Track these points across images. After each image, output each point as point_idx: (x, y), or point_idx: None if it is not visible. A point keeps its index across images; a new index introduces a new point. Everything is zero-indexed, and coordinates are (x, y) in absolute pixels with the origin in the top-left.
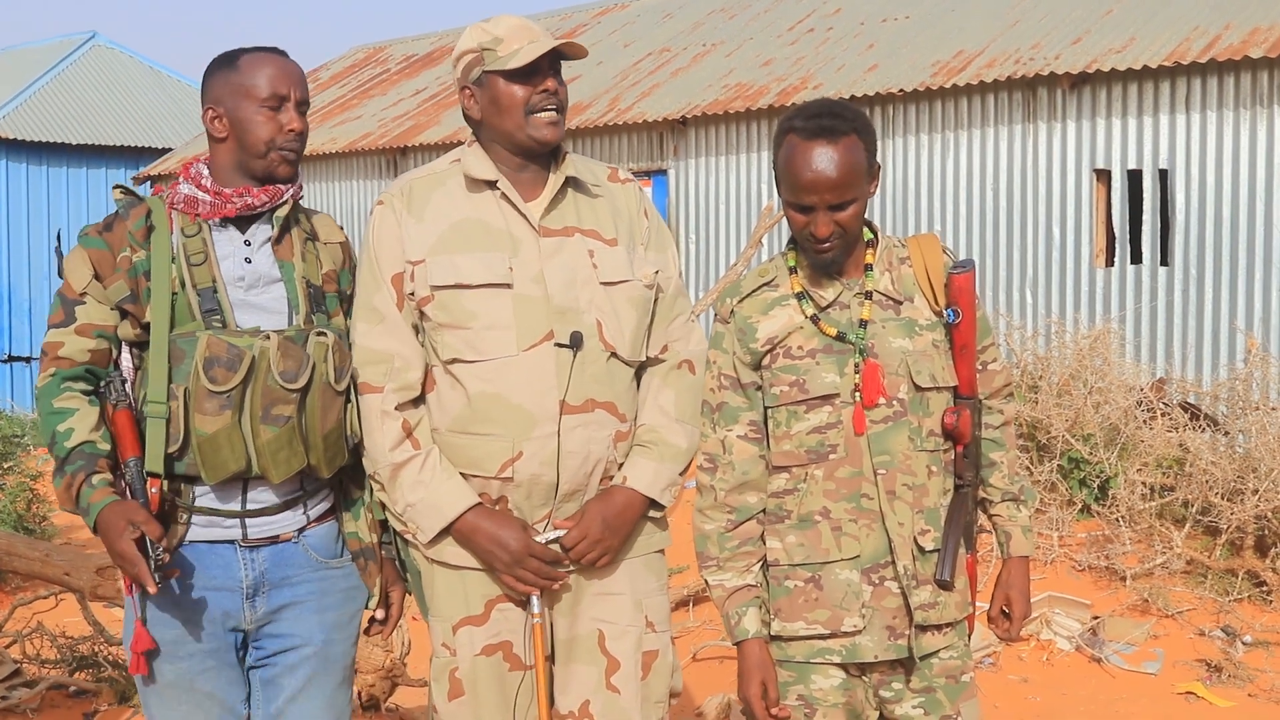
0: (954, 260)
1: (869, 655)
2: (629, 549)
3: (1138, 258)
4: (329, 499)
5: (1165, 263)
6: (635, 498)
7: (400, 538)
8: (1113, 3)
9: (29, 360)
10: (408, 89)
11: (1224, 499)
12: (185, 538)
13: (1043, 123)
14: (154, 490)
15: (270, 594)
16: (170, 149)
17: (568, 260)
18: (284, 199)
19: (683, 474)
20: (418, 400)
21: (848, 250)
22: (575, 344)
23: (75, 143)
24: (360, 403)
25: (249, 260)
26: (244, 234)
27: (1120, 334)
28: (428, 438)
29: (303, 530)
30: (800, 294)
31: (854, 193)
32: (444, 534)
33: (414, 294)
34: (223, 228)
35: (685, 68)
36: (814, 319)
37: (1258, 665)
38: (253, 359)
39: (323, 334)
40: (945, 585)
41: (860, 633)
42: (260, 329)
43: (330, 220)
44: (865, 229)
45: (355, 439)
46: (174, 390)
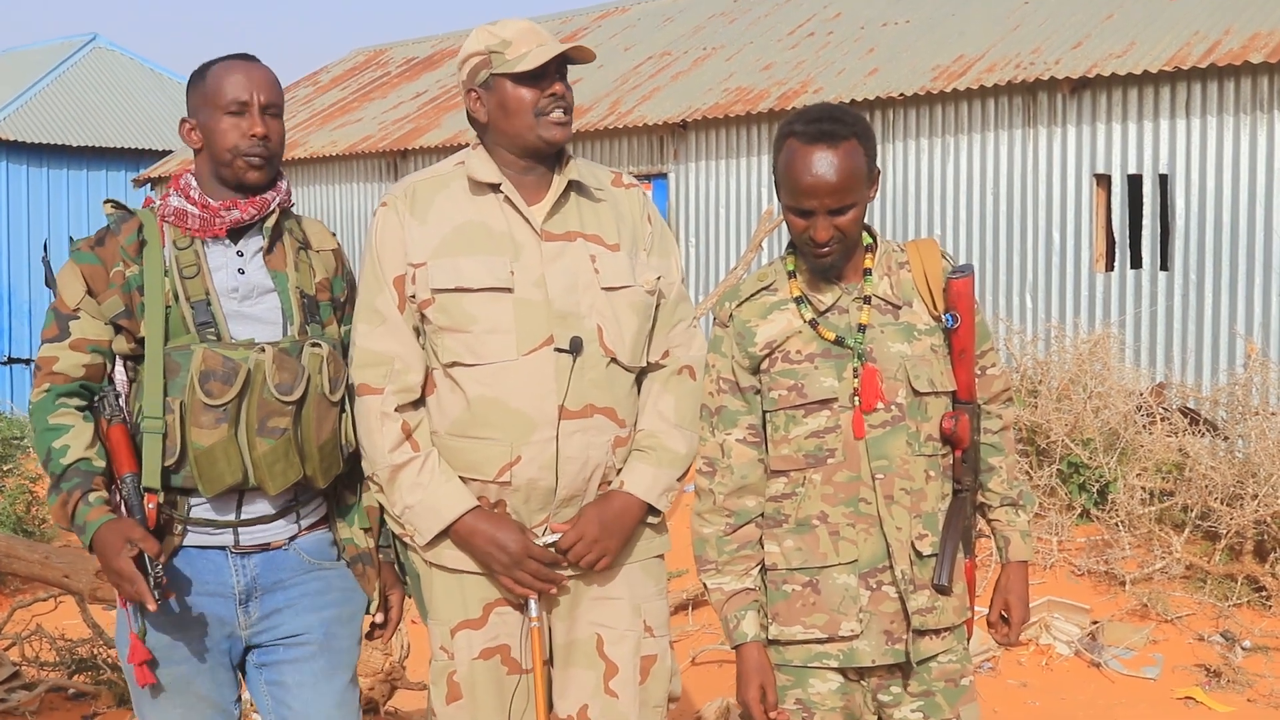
0: (953, 265)
1: (866, 660)
2: (628, 554)
3: (1138, 263)
4: (321, 508)
5: (1165, 268)
6: (632, 502)
7: (399, 541)
8: (1113, 7)
9: (29, 362)
10: (408, 92)
11: (1223, 504)
12: (179, 547)
13: (1043, 127)
14: (151, 506)
15: (263, 598)
16: (171, 151)
17: (569, 265)
18: (270, 209)
19: (681, 479)
20: (417, 403)
21: (847, 255)
22: (575, 349)
23: (76, 145)
24: (359, 404)
25: (242, 271)
26: (236, 245)
27: (1120, 339)
28: (427, 440)
29: (294, 538)
30: (799, 298)
31: (854, 197)
32: (442, 536)
33: (415, 296)
34: (215, 240)
35: (685, 71)
36: (813, 323)
37: (1257, 670)
38: (248, 372)
39: (317, 345)
40: (943, 590)
41: (858, 637)
42: (255, 341)
43: (322, 226)
44: (864, 234)
45: (350, 448)
46: (170, 404)
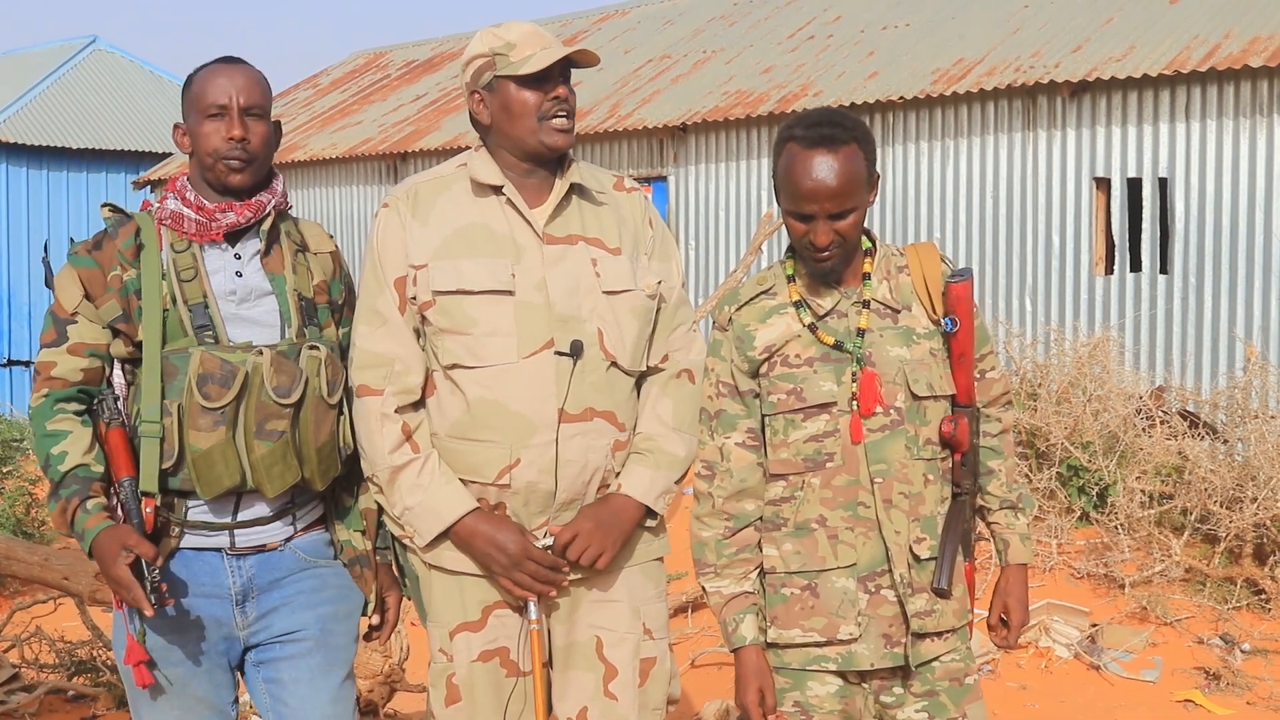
0: (952, 269)
1: (865, 663)
2: (627, 557)
3: (1137, 266)
4: (318, 509)
5: (1165, 271)
6: (630, 504)
7: (398, 542)
8: (1113, 11)
9: (28, 364)
10: (408, 95)
11: (1223, 507)
12: (175, 549)
13: (1042, 131)
14: (149, 510)
15: (260, 598)
16: (170, 154)
17: (571, 268)
18: (266, 212)
19: (679, 482)
20: (417, 404)
21: (846, 259)
22: (575, 352)
23: (76, 147)
24: (359, 405)
25: (240, 274)
26: (233, 248)
27: (1119, 342)
28: (427, 442)
29: (289, 539)
30: (798, 302)
31: (854, 202)
32: (442, 538)
33: (416, 298)
34: (212, 243)
35: (685, 74)
36: (811, 327)
37: (1256, 673)
38: (246, 374)
39: (315, 348)
40: (943, 593)
41: (856, 640)
42: (253, 344)
43: (320, 229)
44: (864, 238)
45: (348, 451)
46: (168, 406)
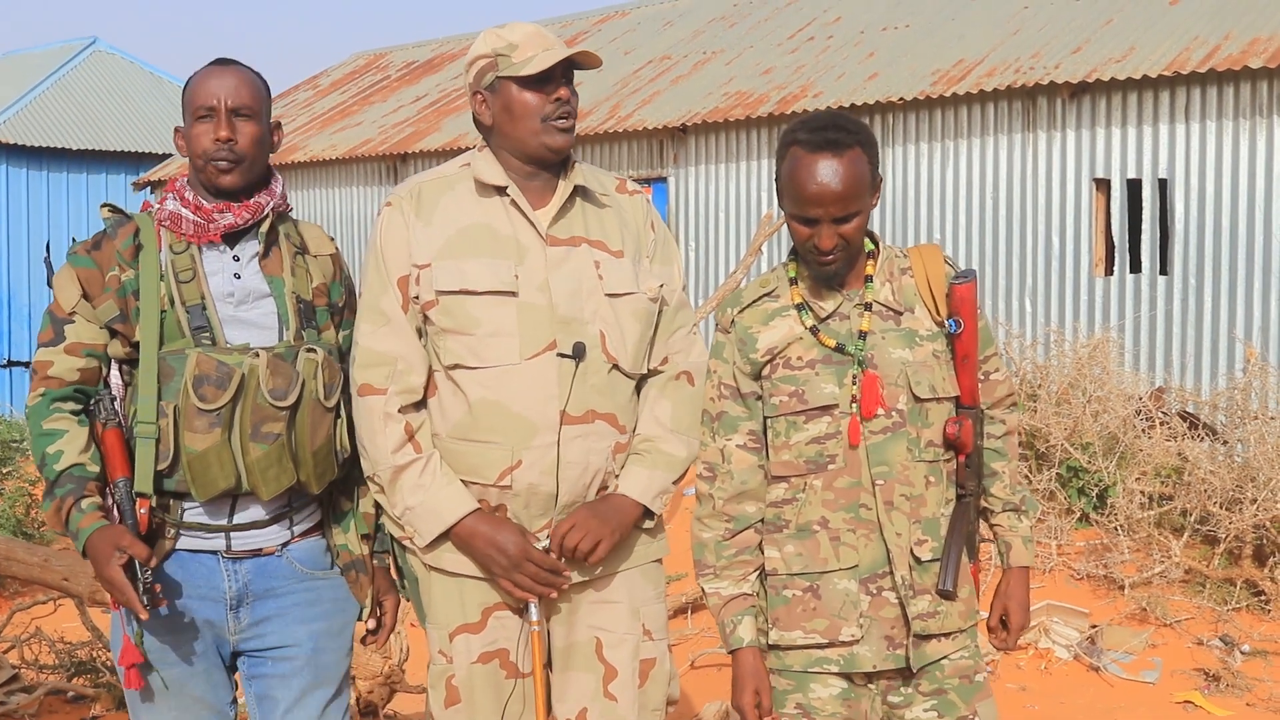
0: (956, 270)
1: (867, 665)
2: (626, 559)
3: (1137, 267)
4: (315, 515)
5: (1164, 272)
6: (627, 503)
7: (397, 544)
8: (1113, 12)
9: (28, 365)
10: (408, 95)
11: (1222, 508)
12: (171, 550)
13: (1042, 132)
14: (143, 511)
15: (254, 605)
16: (170, 154)
17: (573, 270)
18: (264, 214)
19: (676, 483)
20: (419, 404)
21: (850, 262)
22: (578, 354)
23: (75, 148)
24: (362, 404)
25: (238, 276)
26: (232, 250)
27: (1119, 343)
28: (429, 442)
29: (286, 545)
30: (800, 305)
31: (858, 205)
32: (442, 539)
33: (419, 298)
34: (211, 244)
35: (685, 75)
36: (813, 330)
37: (1256, 674)
38: (242, 377)
39: (313, 350)
40: (947, 595)
41: (858, 642)
42: (250, 346)
43: (320, 231)
44: (867, 240)
45: (345, 454)
46: (164, 408)
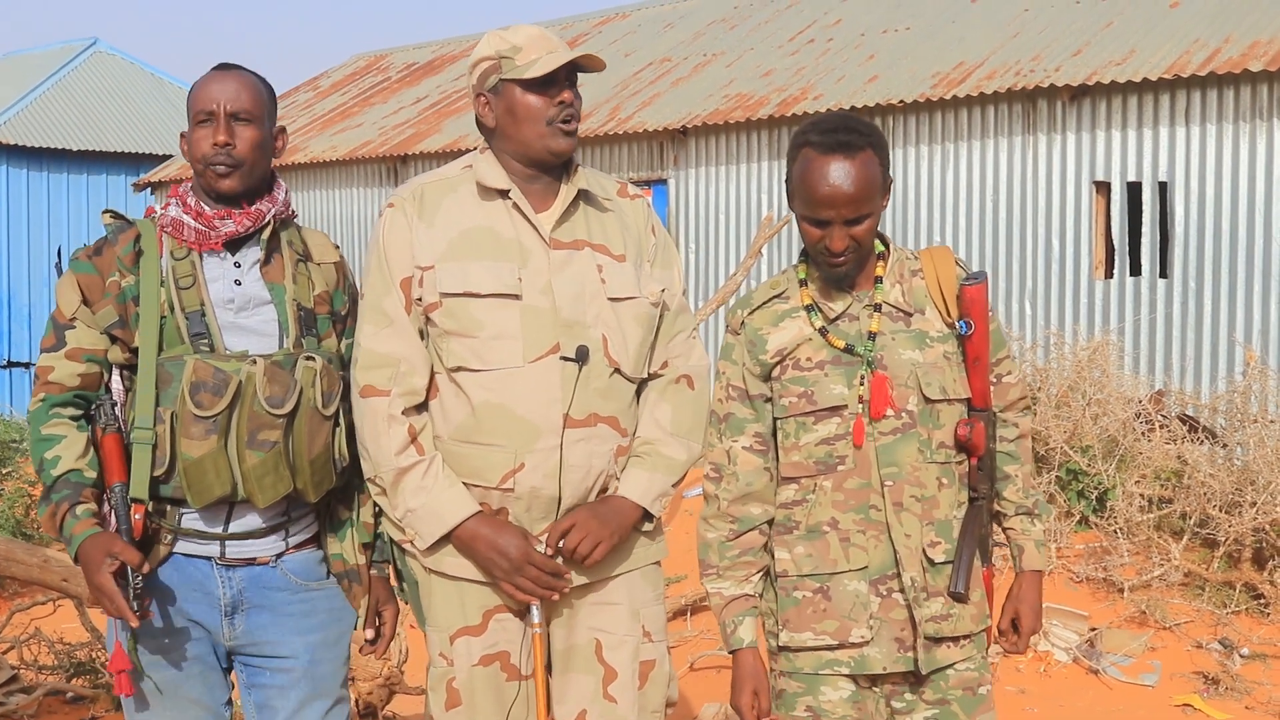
0: (967, 272)
1: (877, 667)
2: (626, 561)
3: (1137, 270)
4: (312, 527)
5: (1164, 275)
6: (626, 504)
7: (397, 547)
8: (1113, 15)
9: (28, 366)
10: (408, 97)
11: (1222, 511)
12: (168, 556)
13: (1042, 134)
14: (137, 517)
15: (249, 614)
16: (171, 155)
17: (576, 274)
18: (265, 221)
19: (676, 485)
20: (421, 406)
21: (860, 263)
22: (581, 358)
23: (76, 149)
24: (364, 405)
25: (238, 282)
26: (234, 256)
27: (1119, 346)
28: (431, 444)
29: (280, 555)
30: (810, 306)
31: (869, 207)
32: (443, 541)
33: (421, 299)
34: (212, 251)
35: (686, 77)
36: (823, 331)
37: (1255, 678)
38: (239, 384)
39: (311, 359)
40: (959, 597)
41: (868, 644)
42: (248, 353)
43: (325, 238)
44: (877, 241)
45: (344, 463)
46: (161, 414)
